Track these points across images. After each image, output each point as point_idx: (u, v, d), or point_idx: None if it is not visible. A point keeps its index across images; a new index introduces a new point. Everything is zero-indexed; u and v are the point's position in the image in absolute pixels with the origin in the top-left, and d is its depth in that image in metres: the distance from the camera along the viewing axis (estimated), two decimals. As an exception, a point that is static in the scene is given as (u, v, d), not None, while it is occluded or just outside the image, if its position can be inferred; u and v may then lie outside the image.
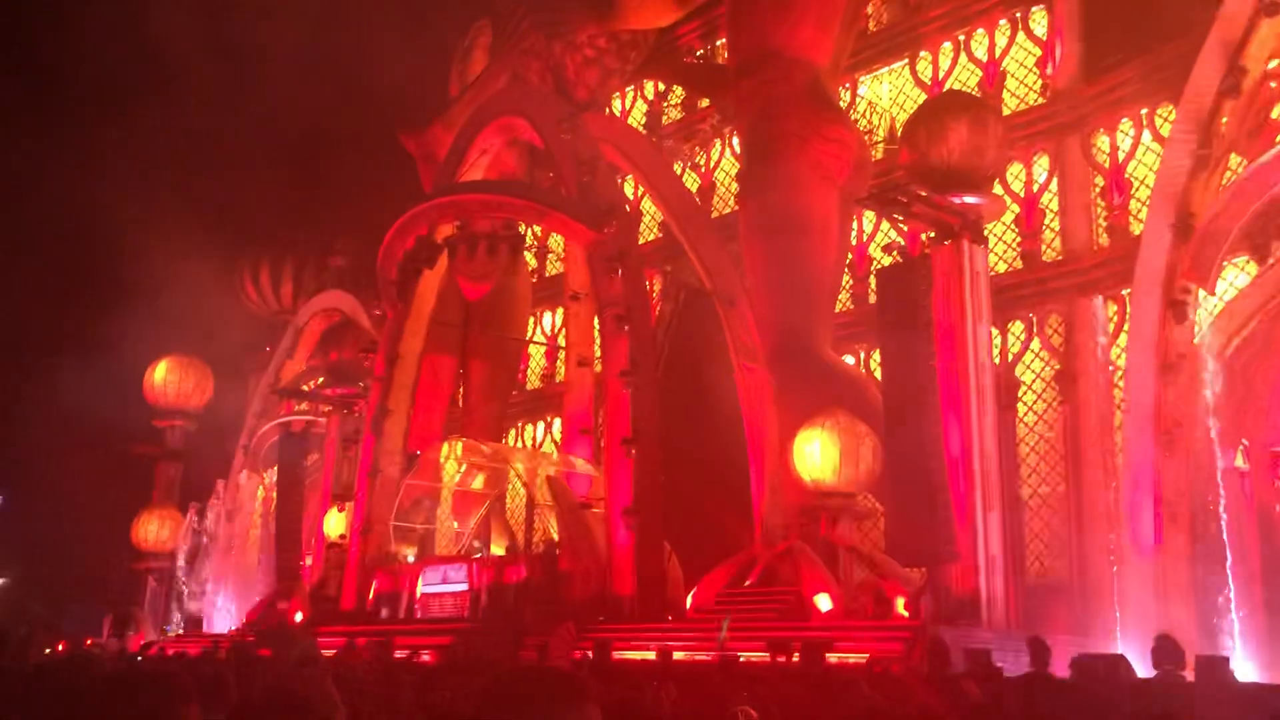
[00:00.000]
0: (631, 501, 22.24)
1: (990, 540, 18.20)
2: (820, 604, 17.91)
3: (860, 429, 19.06)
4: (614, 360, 23.29)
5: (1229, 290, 19.67)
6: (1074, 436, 20.75)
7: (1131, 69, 21.87)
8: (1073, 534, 20.51)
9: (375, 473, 27.30)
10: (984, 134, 19.47)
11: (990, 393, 19.11)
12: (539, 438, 33.00)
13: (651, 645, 17.31)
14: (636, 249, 25.90)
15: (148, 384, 41.49)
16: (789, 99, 22.64)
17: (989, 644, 15.05)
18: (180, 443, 42.03)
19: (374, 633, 21.99)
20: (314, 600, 28.23)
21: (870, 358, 24.23)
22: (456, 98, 30.65)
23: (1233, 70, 18.12)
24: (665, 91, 31.12)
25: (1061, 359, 21.88)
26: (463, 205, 26.17)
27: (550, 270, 33.65)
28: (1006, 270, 22.95)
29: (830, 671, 13.65)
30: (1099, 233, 22.20)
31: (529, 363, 33.88)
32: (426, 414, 29.87)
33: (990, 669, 13.02)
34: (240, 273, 41.12)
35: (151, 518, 39.85)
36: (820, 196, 22.29)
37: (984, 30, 24.51)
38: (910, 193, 19.26)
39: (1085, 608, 18.50)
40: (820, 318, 22.22)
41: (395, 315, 28.17)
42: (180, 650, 27.64)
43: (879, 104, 26.16)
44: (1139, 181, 21.61)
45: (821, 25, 23.08)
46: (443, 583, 24.63)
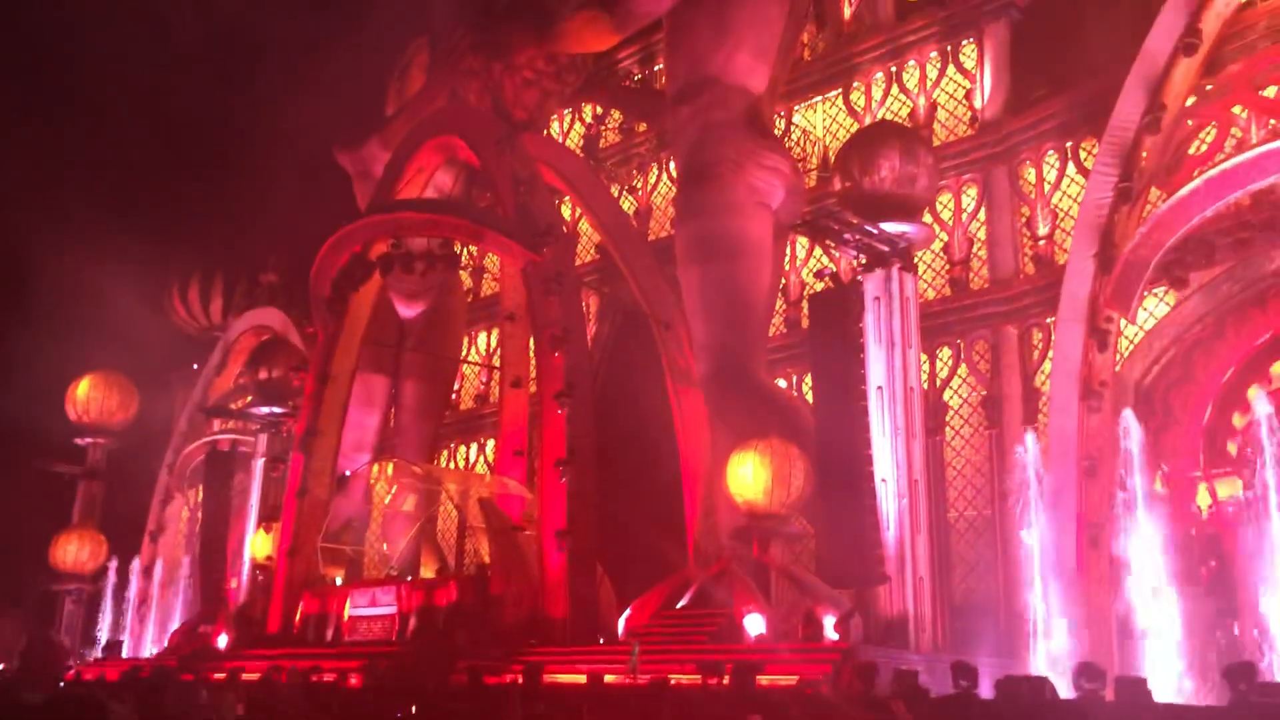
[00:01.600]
0: (565, 524, 22.15)
1: (918, 562, 18.49)
2: (752, 626, 17.99)
3: (792, 452, 19.23)
4: (549, 381, 23.24)
5: (1149, 320, 20.27)
6: (1000, 461, 21.14)
7: (1057, 102, 22.47)
8: (998, 557, 20.87)
9: (303, 493, 26.87)
10: (915, 163, 19.87)
11: (919, 417, 19.44)
12: (472, 459, 32.78)
13: (583, 668, 17.24)
14: (573, 270, 25.91)
15: (70, 400, 40.44)
16: (725, 125, 22.90)
17: (917, 665, 15.23)
18: (103, 461, 41.02)
19: (300, 656, 21.61)
20: (239, 623, 27.66)
21: (803, 382, 24.48)
22: (394, 115, 30.47)
23: (1153, 106, 18.76)
24: (603, 115, 31.25)
25: (988, 384, 22.31)
26: (399, 223, 25.98)
27: (486, 290, 33.53)
28: (935, 297, 23.38)
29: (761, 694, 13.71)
30: (1025, 261, 22.72)
31: (463, 383, 33.66)
32: (358, 434, 29.52)
33: (918, 690, 13.16)
34: (169, 287, 40.36)
35: (71, 538, 38.75)
36: (755, 222, 22.54)
37: (915, 62, 25.03)
38: (843, 220, 19.60)
39: (1010, 629, 18.79)
40: (754, 341, 22.42)
41: (327, 333, 27.82)
42: (98, 675, 26.90)
43: (813, 132, 26.55)
44: (1064, 212, 22.18)
45: (758, 53, 23.41)
46: (371, 605, 24.30)
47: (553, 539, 22.15)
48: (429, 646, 21.52)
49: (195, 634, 29.16)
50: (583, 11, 25.49)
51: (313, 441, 27.20)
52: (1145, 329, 20.25)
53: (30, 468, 40.36)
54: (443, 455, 32.95)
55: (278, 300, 36.34)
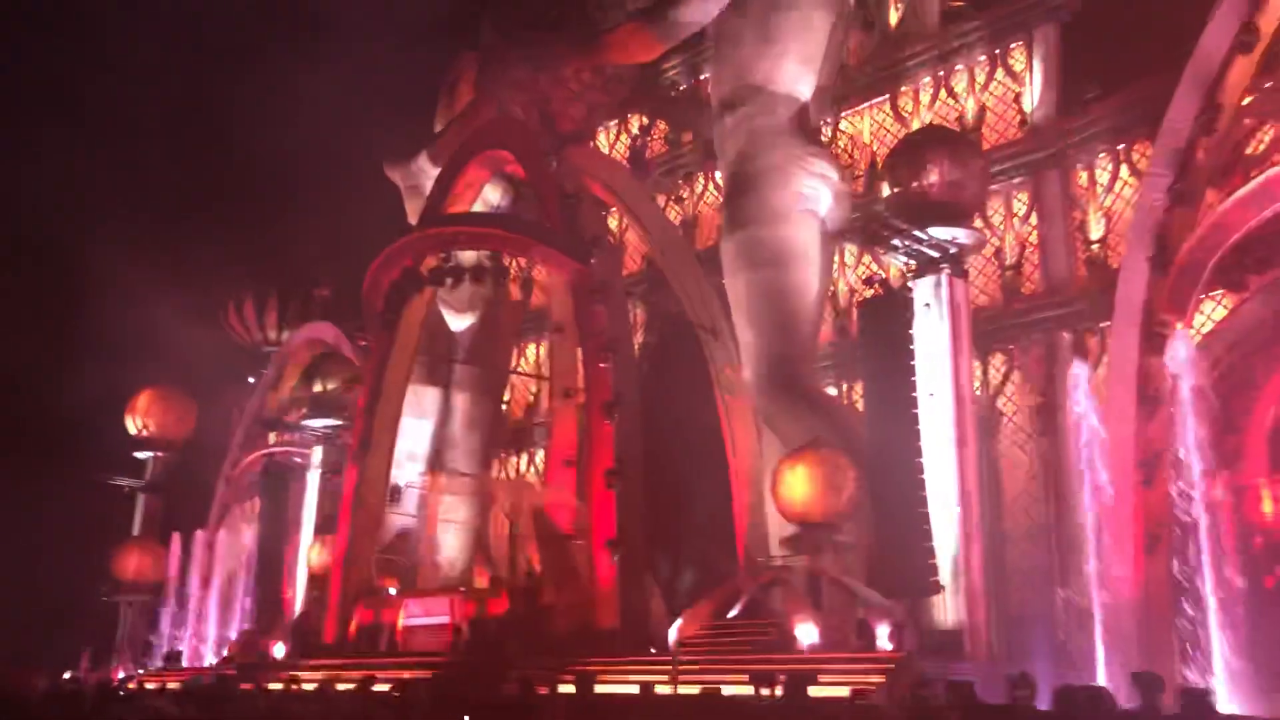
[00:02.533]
0: (615, 534, 22.20)
1: (972, 572, 18.27)
2: (804, 636, 17.88)
3: (842, 460, 19.11)
4: (598, 392, 23.32)
5: (1206, 324, 19.87)
6: (1055, 468, 20.83)
7: (1108, 104, 22.15)
8: (1054, 565, 20.55)
9: (358, 504, 27.17)
10: (964, 168, 19.71)
11: (971, 425, 19.23)
12: (522, 469, 32.91)
13: (634, 679, 17.22)
14: (620, 281, 26.01)
15: (129, 415, 41.26)
16: (772, 133, 22.86)
17: (971, 676, 15.04)
18: (162, 474, 41.75)
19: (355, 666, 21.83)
20: (296, 633, 27.99)
21: (853, 389, 24.31)
22: (442, 130, 30.79)
23: (1208, 106, 18.41)
24: (649, 125, 31.34)
25: (1042, 391, 21.99)
26: (448, 237, 26.24)
27: (535, 302, 33.69)
28: (987, 302, 23.11)
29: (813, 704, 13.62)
30: (1079, 265, 22.39)
31: (513, 394, 33.83)
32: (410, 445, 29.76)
33: (973, 701, 13.01)
34: (225, 303, 41.02)
35: (132, 550, 39.49)
36: (803, 229, 22.45)
37: (963, 66, 24.81)
38: (892, 225, 19.48)
39: (1067, 639, 18.48)
40: (803, 349, 22.31)
41: (380, 346, 28.14)
42: (159, 684, 27.35)
43: (860, 138, 26.40)
44: (1117, 215, 21.84)
45: (804, 61, 23.34)
46: (425, 615, 24.48)
47: (603, 549, 22.20)
48: (482, 656, 21.65)
49: (253, 644, 29.55)
50: (627, 24, 25.59)
51: (366, 453, 27.50)
52: (1203, 333, 19.86)
53: (92, 481, 41.21)
54: (494, 466, 33.12)
55: (331, 314, 36.80)
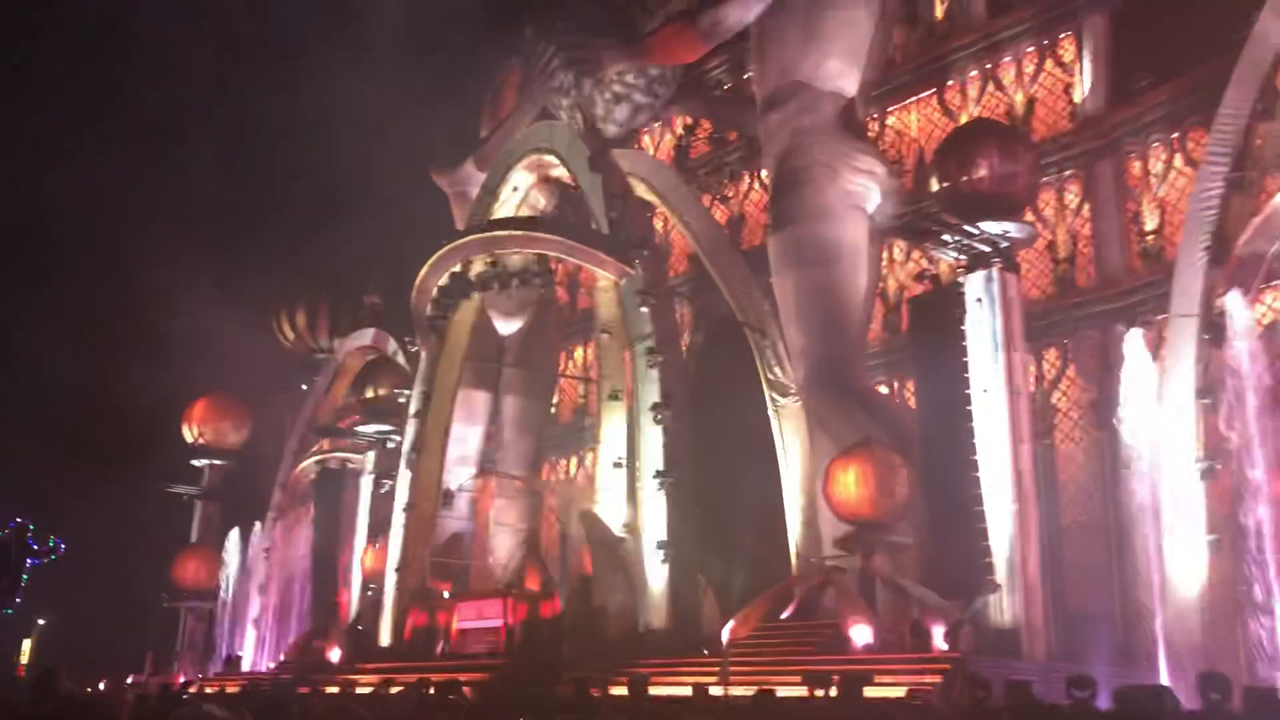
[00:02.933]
0: (666, 535, 22.17)
1: (1029, 570, 18.00)
2: (858, 636, 17.72)
3: (895, 459, 18.90)
4: (646, 393, 23.32)
5: (1268, 314, 19.43)
6: (1113, 463, 20.45)
7: (1161, 93, 21.75)
8: (1113, 562, 20.19)
9: (411, 508, 27.41)
10: (1014, 160, 19.44)
11: (1026, 421, 18.95)
12: (572, 471, 33.00)
13: (687, 680, 17.17)
14: (667, 282, 25.97)
15: (186, 424, 41.96)
16: (817, 130, 22.68)
17: (1030, 676, 14.81)
18: (219, 482, 42.42)
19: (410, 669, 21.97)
20: (351, 637, 28.29)
21: (904, 387, 24.08)
22: (487, 136, 30.98)
23: (1265, 93, 17.99)
24: (694, 125, 31.29)
25: (1098, 385, 21.63)
26: (495, 241, 26.39)
27: (582, 305, 33.78)
28: (1040, 297, 22.79)
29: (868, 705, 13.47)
30: (1133, 257, 22.01)
31: (561, 397, 33.94)
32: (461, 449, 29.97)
33: (1032, 701, 12.79)
34: (276, 313, 41.58)
35: (191, 557, 40.21)
36: (850, 226, 22.26)
37: (1011, 58, 24.49)
38: (941, 221, 19.25)
39: (1128, 638, 18.15)
40: (853, 347, 22.12)
41: (430, 351, 28.37)
42: (219, 688, 27.75)
43: (907, 133, 26.16)
44: (1172, 206, 21.44)
45: (848, 57, 23.14)
46: (478, 618, 24.61)
47: (654, 550, 22.18)
48: (535, 658, 21.72)
49: (309, 648, 29.90)
50: (670, 25, 25.53)
51: (418, 458, 27.75)
52: (1264, 323, 19.40)
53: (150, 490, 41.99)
54: (544, 468, 33.25)
55: (381, 321, 37.16)
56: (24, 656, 45.49)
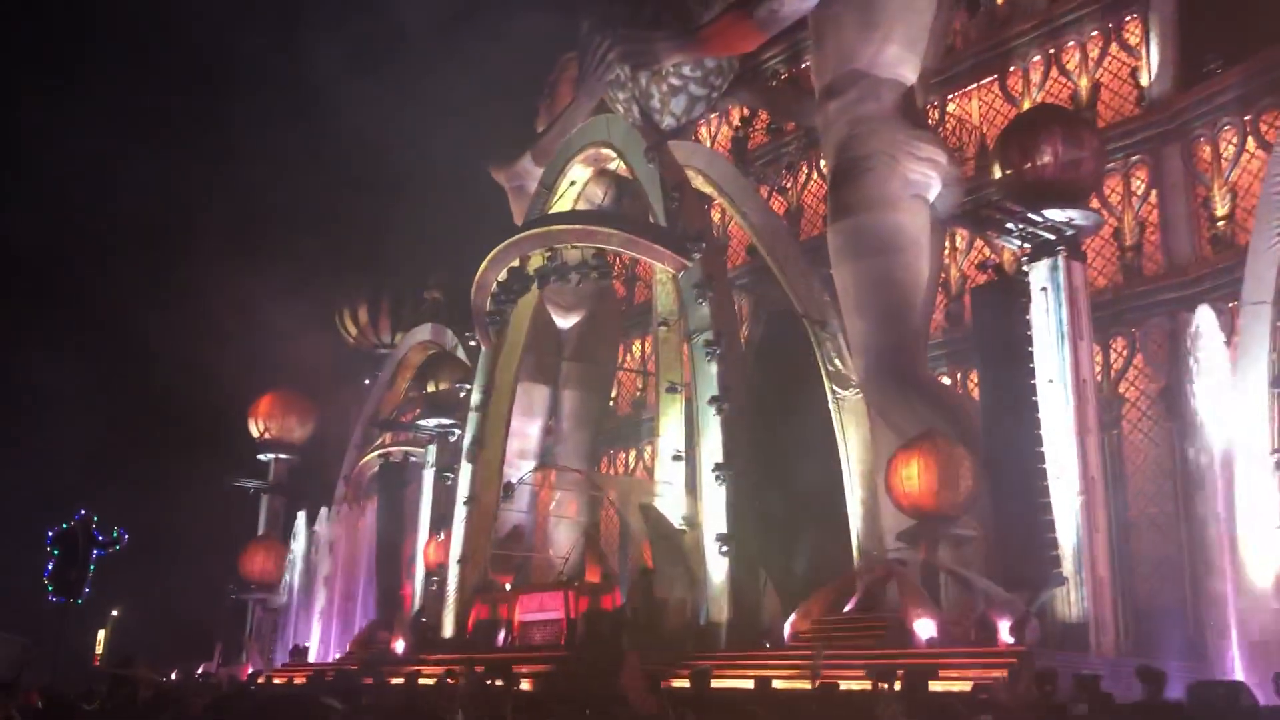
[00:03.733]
0: (726, 528, 22.14)
1: (1097, 563, 17.72)
2: (922, 630, 17.56)
3: (959, 451, 18.68)
4: (705, 386, 23.29)
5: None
6: (1183, 454, 20.02)
7: (1232, 74, 21.22)
8: (1184, 556, 19.80)
9: (472, 501, 27.66)
10: (1079, 146, 19.11)
11: (1093, 411, 18.65)
12: (631, 465, 33.08)
13: (749, 674, 17.15)
14: (725, 274, 25.89)
15: (252, 419, 42.74)
16: (876, 118, 22.44)
17: (1098, 670, 14.59)
18: (285, 475, 43.18)
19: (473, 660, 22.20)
20: (415, 629, 28.63)
21: (968, 378, 23.80)
22: (544, 130, 31.09)
23: (1341, 72, 17.50)
24: (751, 116, 31.14)
25: (1166, 375, 21.20)
26: (553, 236, 26.49)
27: (639, 297, 33.82)
28: (1107, 285, 22.38)
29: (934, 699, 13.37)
30: (1203, 244, 21.53)
31: (620, 390, 34.02)
32: (521, 442, 30.19)
33: (1101, 696, 12.61)
34: (339, 308, 42.17)
35: (258, 549, 40.98)
36: (911, 215, 21.99)
37: (1074, 42, 24.05)
38: (1004, 209, 18.98)
39: (1199, 633, 17.78)
40: (914, 338, 21.87)
41: (488, 346, 28.60)
42: (287, 679, 28.28)
43: (969, 120, 25.81)
44: (1244, 190, 20.91)
45: (908, 44, 22.86)
46: (540, 610, 24.77)
47: (714, 543, 22.16)
48: (597, 651, 21.80)
49: (374, 640, 30.32)
50: (726, 15, 25.40)
51: (479, 451, 28.00)
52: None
53: (219, 484, 42.87)
54: (603, 461, 33.37)
55: (441, 316, 37.53)
56: (99, 646, 46.70)
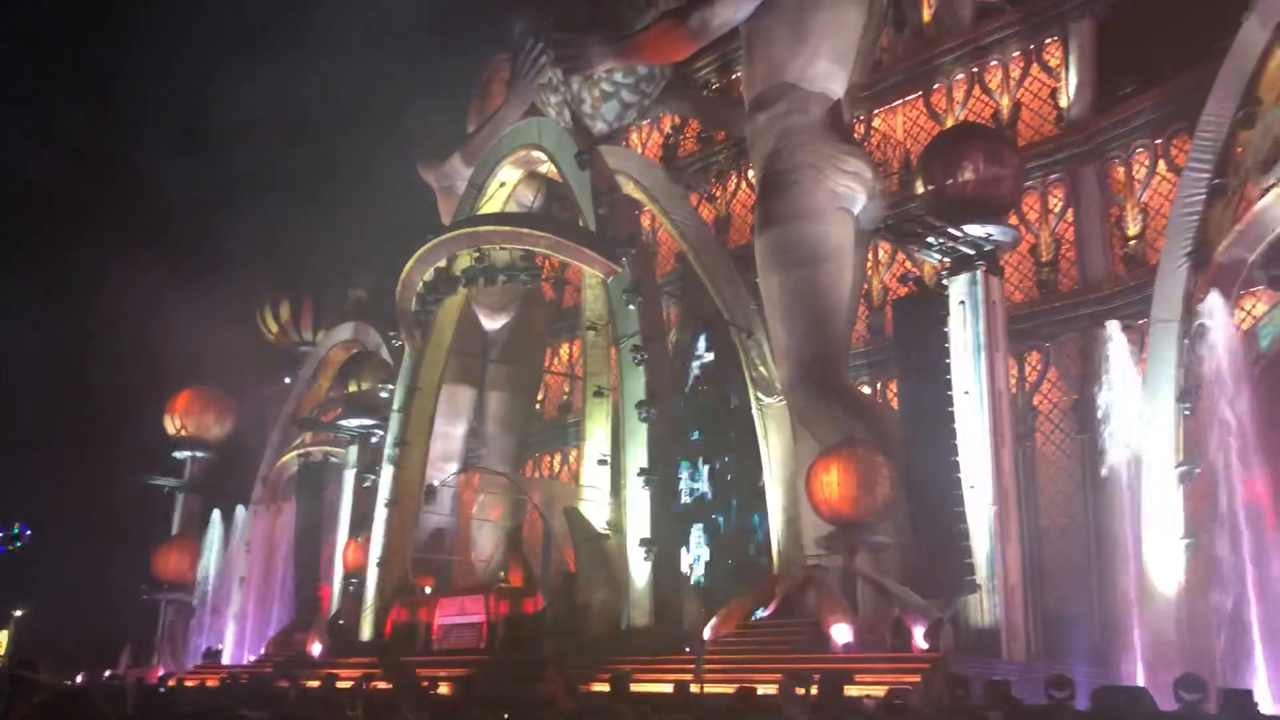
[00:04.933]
0: (650, 532, 22.24)
1: (1009, 571, 18.14)
2: (838, 635, 17.83)
3: (878, 459, 19.02)
4: (632, 391, 23.38)
5: (1246, 320, 19.63)
6: (1093, 465, 20.63)
7: (1146, 99, 21.95)
8: (1092, 565, 20.37)
9: (393, 504, 27.39)
10: (999, 164, 19.57)
11: (1008, 423, 19.10)
12: (557, 468, 33.04)
13: (669, 677, 17.24)
14: (654, 280, 26.02)
15: (168, 416, 41.79)
16: (805, 131, 22.78)
17: (1009, 676, 14.94)
18: (201, 474, 42.27)
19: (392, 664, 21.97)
20: (332, 632, 28.25)
21: (888, 388, 24.21)
22: (475, 131, 30.95)
23: (1248, 100, 18.16)
24: (682, 124, 31.35)
25: (1079, 388, 21.82)
26: (481, 236, 26.39)
27: (568, 301, 33.83)
28: (1023, 300, 22.96)
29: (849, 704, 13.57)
30: (1115, 262, 22.20)
31: (547, 393, 33.96)
32: (444, 444, 29.96)
33: (1011, 701, 12.92)
34: (260, 305, 41.43)
35: (172, 549, 40.01)
36: (836, 227, 22.36)
37: (997, 62, 24.65)
38: (926, 223, 19.37)
39: (1106, 639, 18.31)
40: (837, 347, 22.23)
41: (413, 346, 28.34)
42: (199, 682, 27.68)
43: (894, 136, 26.29)
44: (1155, 211, 21.62)
45: (836, 58, 23.25)
46: (460, 614, 24.63)
47: (637, 547, 22.24)
48: (517, 655, 21.74)
49: (290, 642, 29.84)
50: (660, 23, 25.57)
51: (401, 452, 27.73)
52: (1243, 329, 19.61)
53: (132, 481, 41.79)
54: (528, 465, 33.28)
55: (365, 315, 37.08)
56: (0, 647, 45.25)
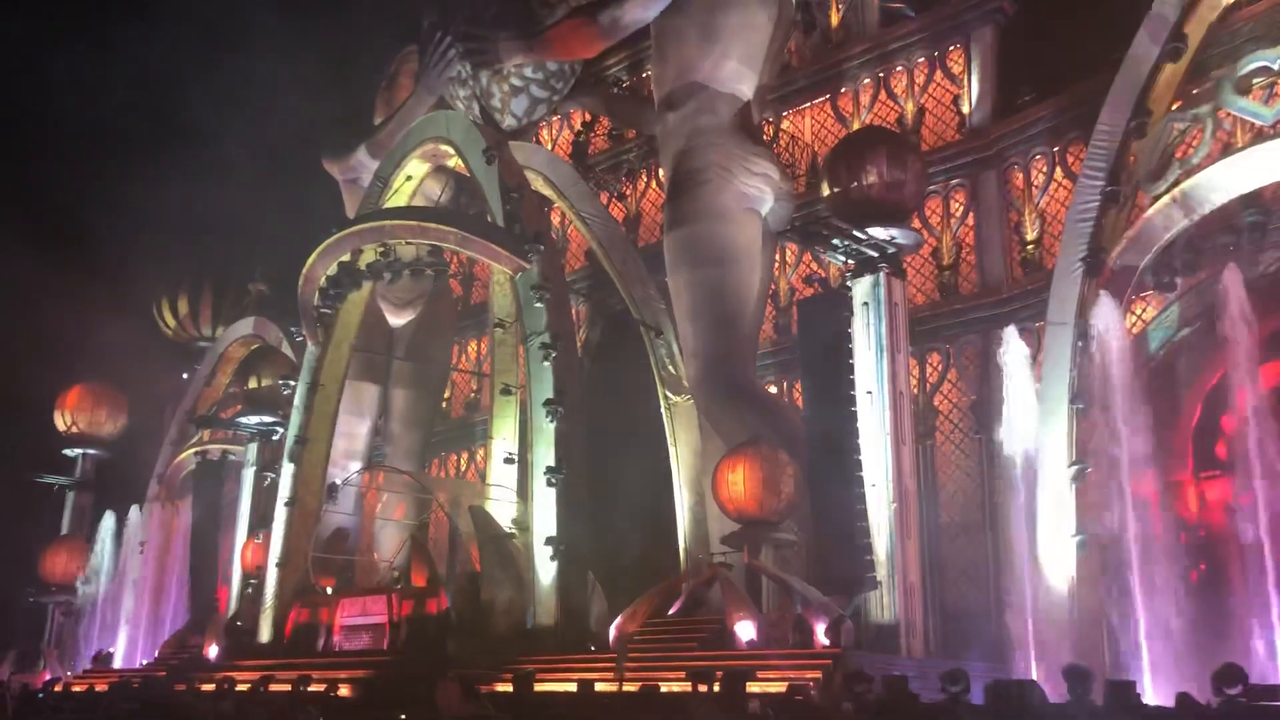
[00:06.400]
0: (556, 531, 22.12)
1: (909, 568, 18.47)
2: (742, 632, 17.94)
3: (782, 458, 19.20)
4: (540, 389, 23.22)
5: (1137, 324, 20.29)
6: (990, 465, 21.13)
7: (1044, 107, 22.55)
8: (989, 562, 20.86)
9: (293, 502, 26.79)
10: (903, 168, 19.90)
11: (909, 422, 19.44)
12: (463, 467, 32.70)
13: (574, 677, 17.18)
14: (562, 277, 25.89)
15: (59, 412, 40.35)
16: (714, 131, 22.90)
17: (908, 671, 15.20)
18: (92, 472, 40.91)
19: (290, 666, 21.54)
20: (230, 633, 27.54)
21: (793, 387, 24.47)
22: (382, 123, 30.43)
23: (1139, 112, 18.78)
24: (592, 121, 31.28)
25: (977, 389, 22.32)
26: (386, 231, 25.95)
27: (475, 297, 33.50)
28: (925, 302, 23.40)
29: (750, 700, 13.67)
30: (1014, 266, 22.75)
31: (453, 391, 33.60)
32: (348, 442, 29.43)
33: (908, 696, 13.15)
34: (158, 298, 40.23)
35: (60, 549, 38.62)
36: (744, 228, 22.52)
37: (903, 68, 25.09)
38: (831, 225, 19.62)
39: (1001, 635, 18.74)
40: (744, 347, 22.40)
41: (316, 342, 27.75)
42: (88, 687, 26.76)
43: (801, 138, 26.58)
44: (1052, 217, 22.22)
45: (746, 60, 23.42)
46: (362, 615, 24.22)
47: (543, 546, 22.11)
48: (420, 655, 21.46)
49: (186, 644, 29.03)
50: (570, 19, 25.45)
51: (302, 450, 27.12)
52: (1134, 332, 20.26)
53: (19, 479, 40.23)
54: (434, 463, 32.88)
55: (266, 309, 36.24)
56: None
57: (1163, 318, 20.14)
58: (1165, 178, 18.29)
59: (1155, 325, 20.22)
